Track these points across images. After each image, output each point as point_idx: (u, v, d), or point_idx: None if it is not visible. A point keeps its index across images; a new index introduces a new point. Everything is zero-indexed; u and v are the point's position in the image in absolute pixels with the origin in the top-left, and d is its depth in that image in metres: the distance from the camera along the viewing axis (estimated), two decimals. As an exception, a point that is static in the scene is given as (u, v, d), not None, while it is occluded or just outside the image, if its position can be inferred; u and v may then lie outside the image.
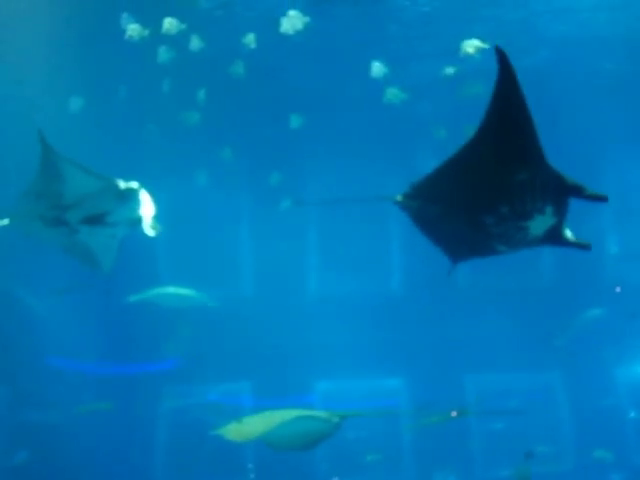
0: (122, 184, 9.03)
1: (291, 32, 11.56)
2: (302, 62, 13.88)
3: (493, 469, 17.23)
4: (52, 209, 9.25)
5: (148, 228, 9.08)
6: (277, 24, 11.61)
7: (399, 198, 7.53)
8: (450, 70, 13.66)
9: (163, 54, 12.40)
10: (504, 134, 6.68)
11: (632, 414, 17.49)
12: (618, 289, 17.27)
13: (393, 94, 13.39)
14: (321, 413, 9.55)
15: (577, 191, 7.03)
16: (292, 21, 11.13)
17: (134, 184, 9.05)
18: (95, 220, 9.33)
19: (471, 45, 11.84)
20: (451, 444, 16.55)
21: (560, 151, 17.01)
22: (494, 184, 6.98)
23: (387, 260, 17.65)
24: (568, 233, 7.33)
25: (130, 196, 9.11)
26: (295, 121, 13.86)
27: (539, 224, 7.24)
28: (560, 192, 7.08)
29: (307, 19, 11.29)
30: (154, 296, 15.42)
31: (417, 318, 17.00)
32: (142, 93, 14.16)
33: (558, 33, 15.43)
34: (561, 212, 7.16)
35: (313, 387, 17.40)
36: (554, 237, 7.34)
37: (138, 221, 9.11)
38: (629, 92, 16.20)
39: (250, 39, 12.26)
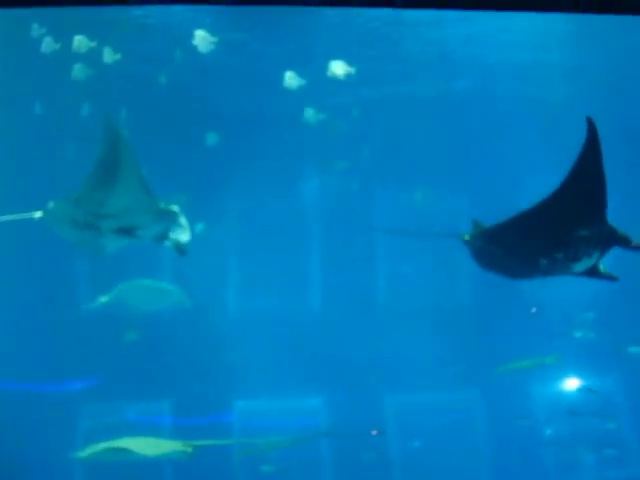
0: (163, 205, 9.40)
1: (204, 51, 11.53)
2: (218, 80, 13.85)
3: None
4: (88, 215, 9.35)
5: (179, 249, 9.52)
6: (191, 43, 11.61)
7: (467, 237, 8.72)
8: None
9: (78, 72, 12.26)
10: (581, 198, 7.75)
11: (548, 431, 17.67)
12: (534, 310, 17.48)
13: (311, 115, 13.42)
14: (170, 444, 9.90)
15: (624, 243, 8.19)
16: (200, 40, 11.08)
17: (175, 207, 9.45)
18: (126, 232, 9.53)
19: (338, 66, 11.94)
20: (368, 463, 16.59)
21: (480, 175, 17.47)
22: (559, 238, 8.11)
23: (307, 278, 17.61)
24: (601, 268, 8.45)
25: (168, 217, 9.47)
26: (211, 139, 13.81)
27: (583, 265, 8.36)
28: (609, 243, 8.16)
29: (215, 39, 11.24)
30: (126, 291, 14.39)
31: (337, 337, 16.98)
32: (60, 109, 14.00)
33: (483, 60, 15.79)
34: (603, 255, 8.29)
35: (233, 406, 17.25)
36: (590, 273, 8.47)
37: (167, 240, 9.49)
38: (549, 119, 16.65)
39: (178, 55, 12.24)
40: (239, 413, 17.17)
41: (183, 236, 9.52)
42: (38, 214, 9.28)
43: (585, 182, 7.69)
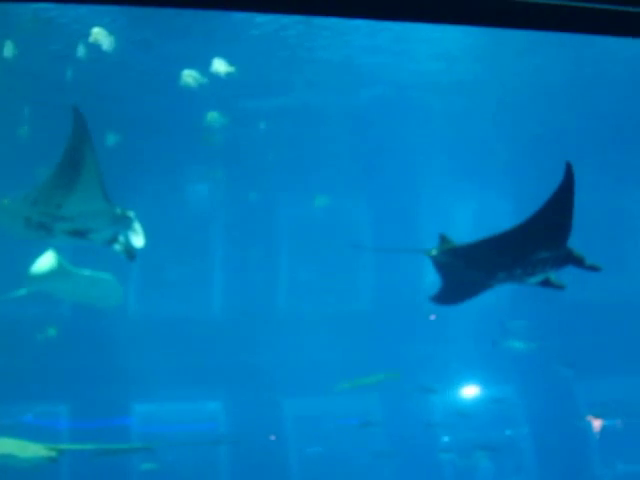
0: (119, 210, 9.31)
1: (107, 49, 11.39)
2: (121, 79, 13.71)
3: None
4: (43, 216, 9.21)
5: (129, 252, 9.43)
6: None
7: (434, 252, 9.35)
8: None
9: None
10: (549, 230, 8.58)
11: (445, 439, 17.93)
12: (433, 317, 17.72)
13: (213, 118, 13.37)
14: (34, 447, 9.71)
15: (578, 262, 9.00)
16: (97, 38, 10.95)
17: (131, 213, 9.38)
18: (79, 234, 9.44)
19: (189, 75, 11.98)
20: (270, 468, 16.62)
21: (383, 183, 17.62)
22: (521, 258, 8.93)
23: (209, 284, 17.56)
24: (553, 278, 9.25)
25: (123, 222, 9.39)
26: (111, 139, 13.66)
27: (538, 278, 9.18)
28: (565, 262, 8.97)
29: (112, 36, 11.13)
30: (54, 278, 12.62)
31: (237, 342, 16.97)
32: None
33: (389, 69, 15.95)
34: (558, 270, 9.08)
35: (132, 409, 17.10)
36: (542, 283, 9.26)
37: (117, 243, 9.39)
38: (453, 129, 16.93)
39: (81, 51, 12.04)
40: (137, 417, 17.06)
41: (137, 241, 9.47)
42: None
43: (555, 217, 8.55)
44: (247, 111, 15.17)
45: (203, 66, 13.09)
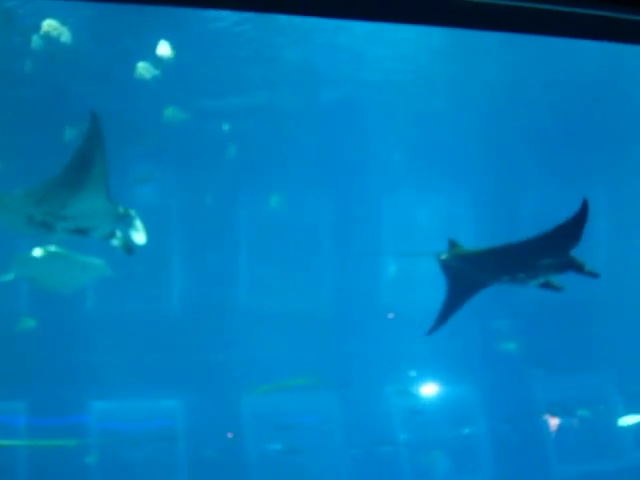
0: (122, 209, 9.53)
1: (64, 40, 11.34)
2: (79, 72, 13.64)
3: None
4: (46, 215, 9.29)
5: (127, 247, 9.64)
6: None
7: (444, 256, 10.12)
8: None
9: None
10: (557, 246, 9.47)
11: (406, 436, 17.95)
12: (391, 315, 17.80)
13: (172, 114, 13.37)
14: None
15: (579, 268, 9.69)
16: (47, 30, 10.87)
17: (132, 211, 9.56)
18: (81, 232, 9.62)
19: (144, 67, 12.02)
20: (225, 465, 16.59)
21: (345, 184, 17.69)
22: (527, 265, 9.69)
23: (167, 280, 17.48)
24: (553, 280, 9.92)
25: (125, 221, 9.62)
26: (70, 134, 13.57)
27: (539, 281, 9.89)
28: (567, 268, 9.69)
29: (65, 28, 11.07)
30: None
31: (196, 339, 16.93)
32: None
33: (352, 70, 16.04)
34: (560, 274, 9.79)
35: (89, 407, 16.98)
36: (543, 285, 9.96)
37: (115, 238, 9.62)
38: (415, 131, 17.06)
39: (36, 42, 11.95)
40: (96, 414, 16.95)
41: (138, 238, 9.64)
42: None
43: (566, 239, 9.63)
44: (206, 110, 15.18)
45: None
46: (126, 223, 9.63)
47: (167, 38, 13.39)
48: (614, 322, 17.97)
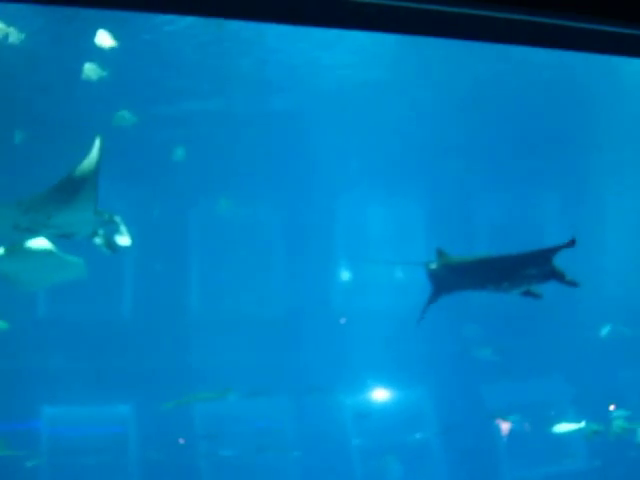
0: (107, 215, 9.66)
1: (13, 41, 11.23)
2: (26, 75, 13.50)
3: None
4: (32, 223, 9.44)
5: (110, 246, 9.72)
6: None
7: (433, 266, 10.65)
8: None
9: None
10: (540, 264, 10.08)
11: (359, 441, 18.00)
12: (343, 320, 17.87)
13: (122, 117, 13.26)
14: None
15: (560, 277, 10.24)
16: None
17: (117, 218, 9.70)
18: (64, 236, 9.78)
19: (90, 68, 11.96)
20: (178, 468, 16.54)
21: (297, 189, 17.68)
22: (511, 275, 10.27)
23: (118, 285, 17.34)
24: (532, 289, 10.54)
25: (109, 226, 9.70)
26: (19, 137, 13.46)
27: (521, 290, 10.51)
28: (549, 278, 10.27)
29: (12, 29, 10.96)
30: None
31: (147, 344, 16.83)
32: None
33: (303, 78, 16.05)
34: (541, 283, 10.41)
35: (40, 411, 16.82)
36: (524, 293, 10.58)
37: (98, 237, 9.73)
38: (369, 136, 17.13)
39: None
40: (46, 420, 16.80)
41: (122, 241, 9.74)
42: None
43: (547, 256, 10.18)
44: (156, 115, 15.12)
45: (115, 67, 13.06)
46: (110, 228, 9.77)
47: (118, 40, 13.33)
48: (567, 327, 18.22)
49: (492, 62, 16.31)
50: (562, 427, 15.96)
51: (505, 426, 17.99)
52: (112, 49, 12.20)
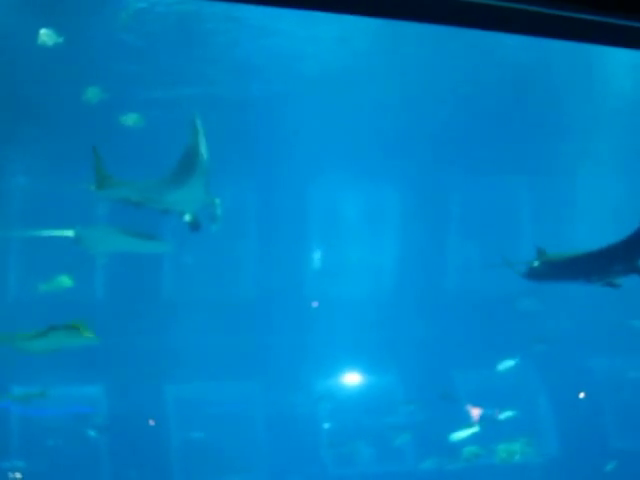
0: (211, 198, 10.66)
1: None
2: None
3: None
4: (144, 200, 10.56)
5: (194, 225, 10.88)
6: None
7: (535, 264, 11.51)
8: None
9: None
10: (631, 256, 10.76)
11: (326, 426, 18.06)
12: (315, 304, 17.92)
13: (93, 93, 13.20)
14: None
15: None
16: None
17: (217, 200, 10.80)
18: (164, 212, 10.88)
19: (45, 34, 11.93)
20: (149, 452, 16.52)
21: (273, 175, 17.65)
22: (601, 270, 10.97)
23: (90, 268, 17.19)
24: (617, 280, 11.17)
25: (209, 208, 10.75)
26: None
27: (606, 282, 11.07)
28: (633, 272, 10.87)
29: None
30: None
31: (121, 326, 16.75)
32: None
33: (286, 66, 16.03)
34: (625, 276, 11.03)
35: (7, 391, 16.70)
36: (606, 284, 11.16)
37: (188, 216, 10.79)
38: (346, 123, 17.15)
39: None
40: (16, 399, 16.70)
41: (214, 225, 10.83)
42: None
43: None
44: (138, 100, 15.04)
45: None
46: (209, 210, 10.73)
47: (92, 16, 13.29)
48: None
49: (467, 48, 16.36)
50: (460, 434, 15.60)
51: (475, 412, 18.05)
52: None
